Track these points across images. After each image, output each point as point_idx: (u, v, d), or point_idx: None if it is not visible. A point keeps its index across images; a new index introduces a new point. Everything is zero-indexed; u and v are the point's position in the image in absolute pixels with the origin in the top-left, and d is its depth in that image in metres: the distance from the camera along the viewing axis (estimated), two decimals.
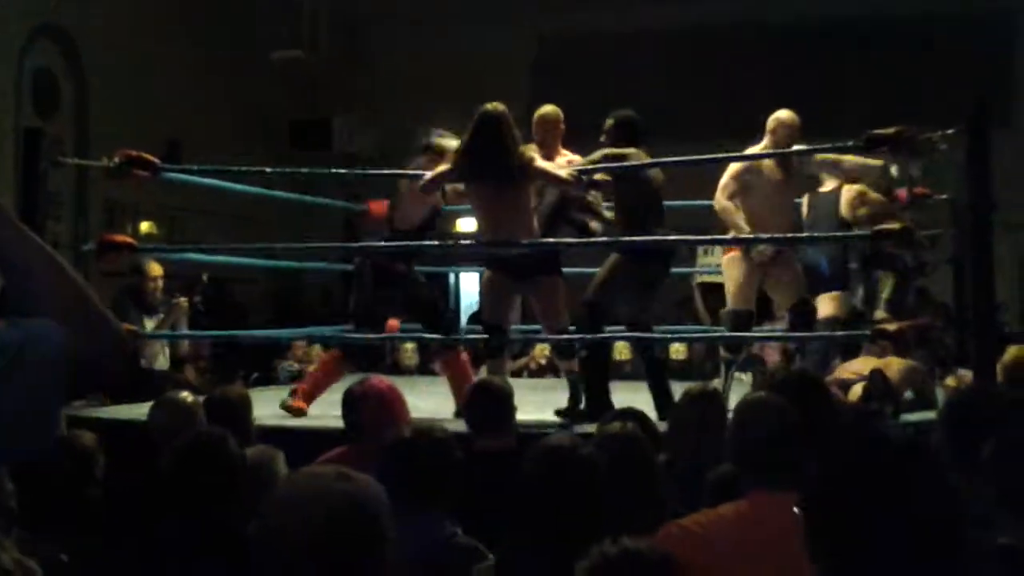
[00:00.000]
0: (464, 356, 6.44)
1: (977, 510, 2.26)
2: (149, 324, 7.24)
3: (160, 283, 7.48)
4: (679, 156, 6.32)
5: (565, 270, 6.10)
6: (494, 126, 5.65)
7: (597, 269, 6.08)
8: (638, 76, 13.34)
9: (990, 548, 2.26)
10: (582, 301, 5.97)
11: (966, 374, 6.18)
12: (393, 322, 6.81)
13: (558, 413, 5.75)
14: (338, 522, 1.78)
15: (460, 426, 4.38)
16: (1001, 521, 2.33)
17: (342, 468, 1.91)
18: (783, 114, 6.36)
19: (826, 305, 6.41)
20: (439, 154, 6.12)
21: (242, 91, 12.80)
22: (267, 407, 5.85)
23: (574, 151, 6.26)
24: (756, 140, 6.50)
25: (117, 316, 1.65)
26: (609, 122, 6.15)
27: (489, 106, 5.73)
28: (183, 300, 7.50)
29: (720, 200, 6.25)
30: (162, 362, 7.63)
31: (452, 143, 6.03)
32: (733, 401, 3.72)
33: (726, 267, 6.32)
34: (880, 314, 6.75)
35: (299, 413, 6.00)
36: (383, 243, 6.36)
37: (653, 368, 6.02)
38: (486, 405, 4.22)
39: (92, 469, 3.88)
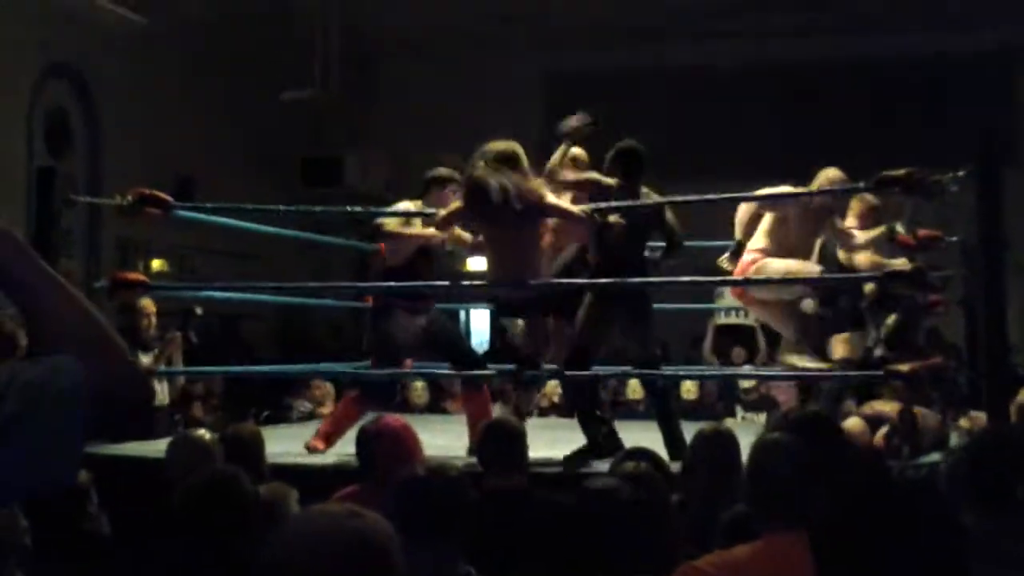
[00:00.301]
0: (487, 394, 6.42)
1: (1000, 549, 2.24)
2: (144, 360, 7.23)
3: (153, 319, 7.48)
4: (683, 194, 6.32)
5: None
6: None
7: None
8: (645, 114, 13.40)
9: None
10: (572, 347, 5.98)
11: (979, 416, 6.15)
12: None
13: (567, 459, 5.70)
14: (348, 559, 1.77)
15: (473, 464, 4.38)
16: None
17: (352, 505, 1.91)
18: (834, 173, 6.33)
19: (839, 347, 6.41)
20: (442, 183, 6.16)
21: (254, 129, 12.87)
22: (279, 445, 5.85)
23: None
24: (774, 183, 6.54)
25: None
26: (610, 153, 6.14)
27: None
28: (177, 335, 7.49)
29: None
30: (161, 399, 7.60)
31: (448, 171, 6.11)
32: (744, 439, 3.70)
33: (766, 306, 6.32)
34: (879, 352, 6.72)
35: (314, 451, 5.99)
36: (388, 283, 6.35)
37: (661, 407, 5.99)
38: (499, 444, 4.22)
39: (85, 505, 3.89)
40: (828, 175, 6.34)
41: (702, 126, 13.60)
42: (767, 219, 6.37)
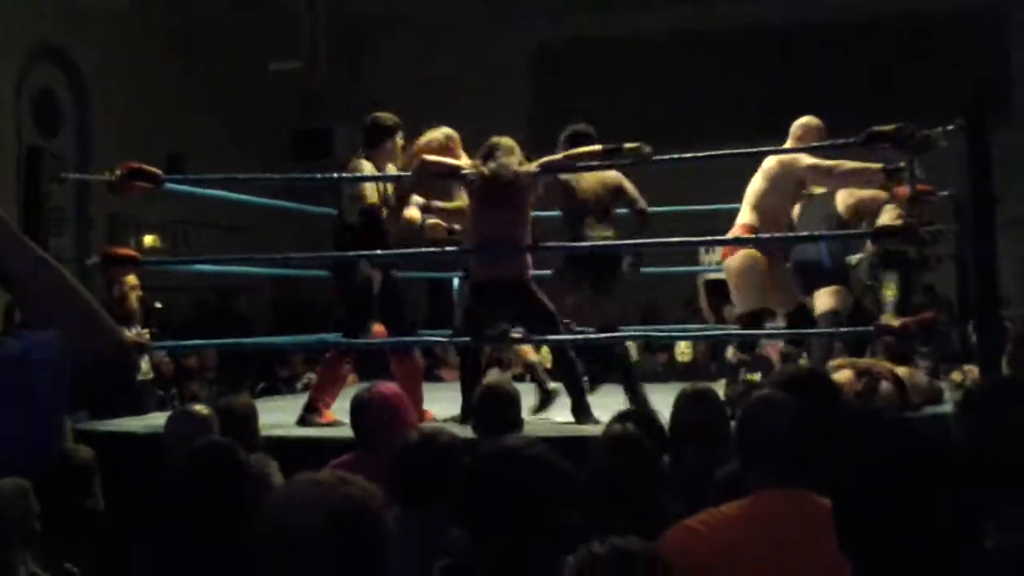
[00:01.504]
0: (418, 363, 6.45)
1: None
2: (129, 334, 7.12)
3: (135, 293, 7.43)
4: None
5: None
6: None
7: None
8: (636, 80, 13.42)
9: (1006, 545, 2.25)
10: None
11: (971, 369, 6.17)
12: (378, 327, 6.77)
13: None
14: (342, 525, 1.79)
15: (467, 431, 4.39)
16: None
17: (340, 472, 1.93)
18: (811, 120, 6.31)
19: (824, 299, 6.40)
20: (392, 131, 6.30)
21: (243, 104, 12.83)
22: (275, 417, 5.86)
23: None
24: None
25: None
26: (563, 135, 6.23)
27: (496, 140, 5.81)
28: (144, 332, 7.36)
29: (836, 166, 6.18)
30: (145, 372, 7.52)
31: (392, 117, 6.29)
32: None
33: (742, 266, 6.22)
34: (888, 318, 6.69)
35: (332, 423, 5.95)
36: (388, 251, 6.33)
37: (619, 369, 6.09)
38: (494, 409, 4.22)
39: (91, 483, 3.90)
40: (805, 122, 6.31)
41: (694, 90, 13.60)
42: (755, 190, 6.28)
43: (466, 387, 5.89)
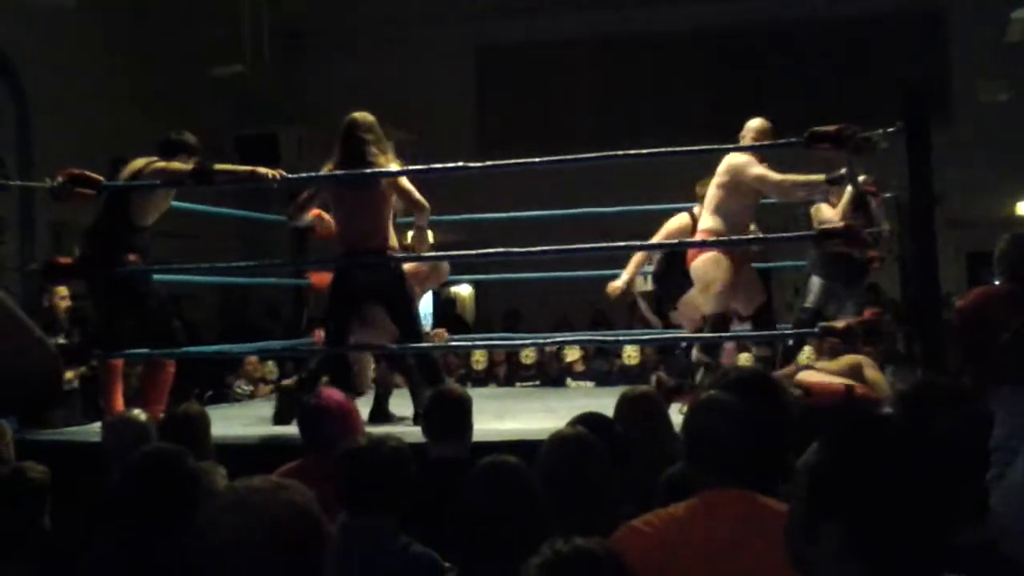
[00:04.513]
0: (169, 373, 6.33)
1: None
2: (59, 342, 7.05)
3: (64, 302, 7.34)
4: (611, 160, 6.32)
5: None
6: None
7: None
8: (579, 83, 13.48)
9: None
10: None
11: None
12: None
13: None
14: (284, 530, 1.78)
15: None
16: None
17: (276, 478, 1.93)
18: (762, 123, 6.34)
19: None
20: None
21: (186, 108, 12.70)
22: (223, 424, 5.83)
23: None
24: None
25: None
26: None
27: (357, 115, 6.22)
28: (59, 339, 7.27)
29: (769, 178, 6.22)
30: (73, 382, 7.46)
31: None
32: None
33: (708, 268, 6.21)
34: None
35: None
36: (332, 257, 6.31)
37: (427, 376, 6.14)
38: (444, 413, 4.20)
39: (44, 502, 3.86)
40: (755, 126, 6.35)
41: (632, 93, 13.67)
42: (711, 197, 6.31)
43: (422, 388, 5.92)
